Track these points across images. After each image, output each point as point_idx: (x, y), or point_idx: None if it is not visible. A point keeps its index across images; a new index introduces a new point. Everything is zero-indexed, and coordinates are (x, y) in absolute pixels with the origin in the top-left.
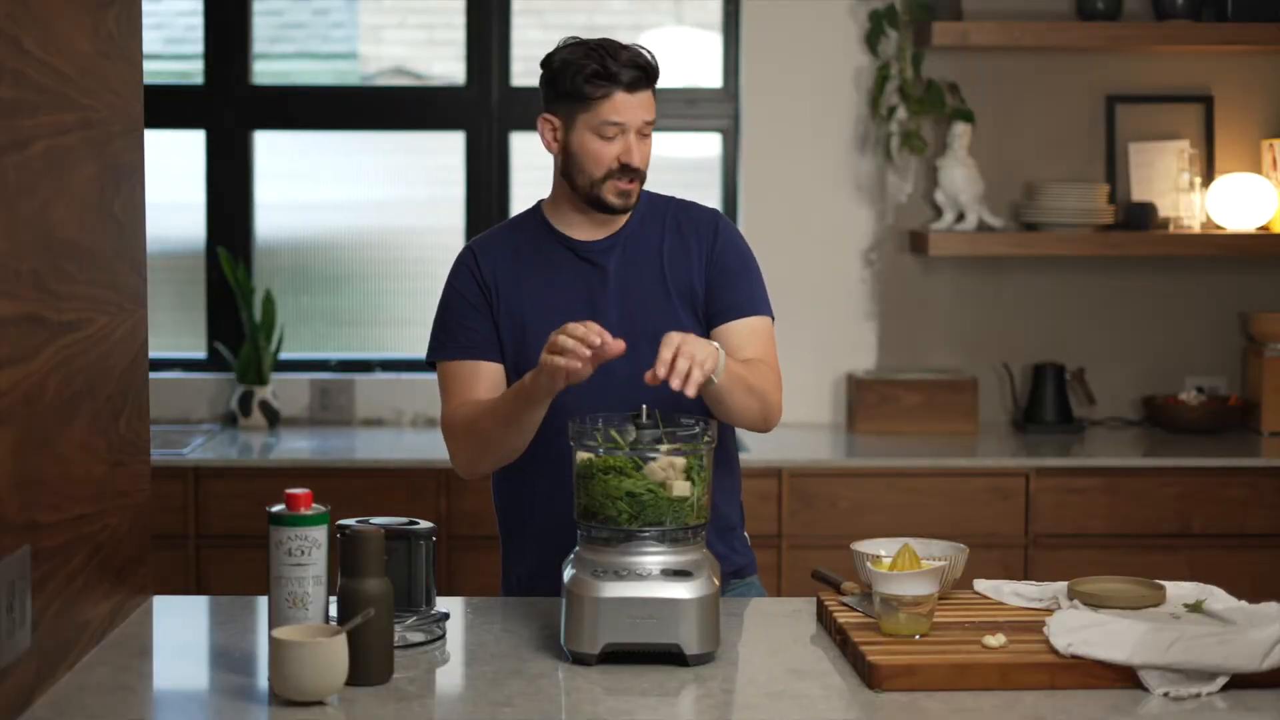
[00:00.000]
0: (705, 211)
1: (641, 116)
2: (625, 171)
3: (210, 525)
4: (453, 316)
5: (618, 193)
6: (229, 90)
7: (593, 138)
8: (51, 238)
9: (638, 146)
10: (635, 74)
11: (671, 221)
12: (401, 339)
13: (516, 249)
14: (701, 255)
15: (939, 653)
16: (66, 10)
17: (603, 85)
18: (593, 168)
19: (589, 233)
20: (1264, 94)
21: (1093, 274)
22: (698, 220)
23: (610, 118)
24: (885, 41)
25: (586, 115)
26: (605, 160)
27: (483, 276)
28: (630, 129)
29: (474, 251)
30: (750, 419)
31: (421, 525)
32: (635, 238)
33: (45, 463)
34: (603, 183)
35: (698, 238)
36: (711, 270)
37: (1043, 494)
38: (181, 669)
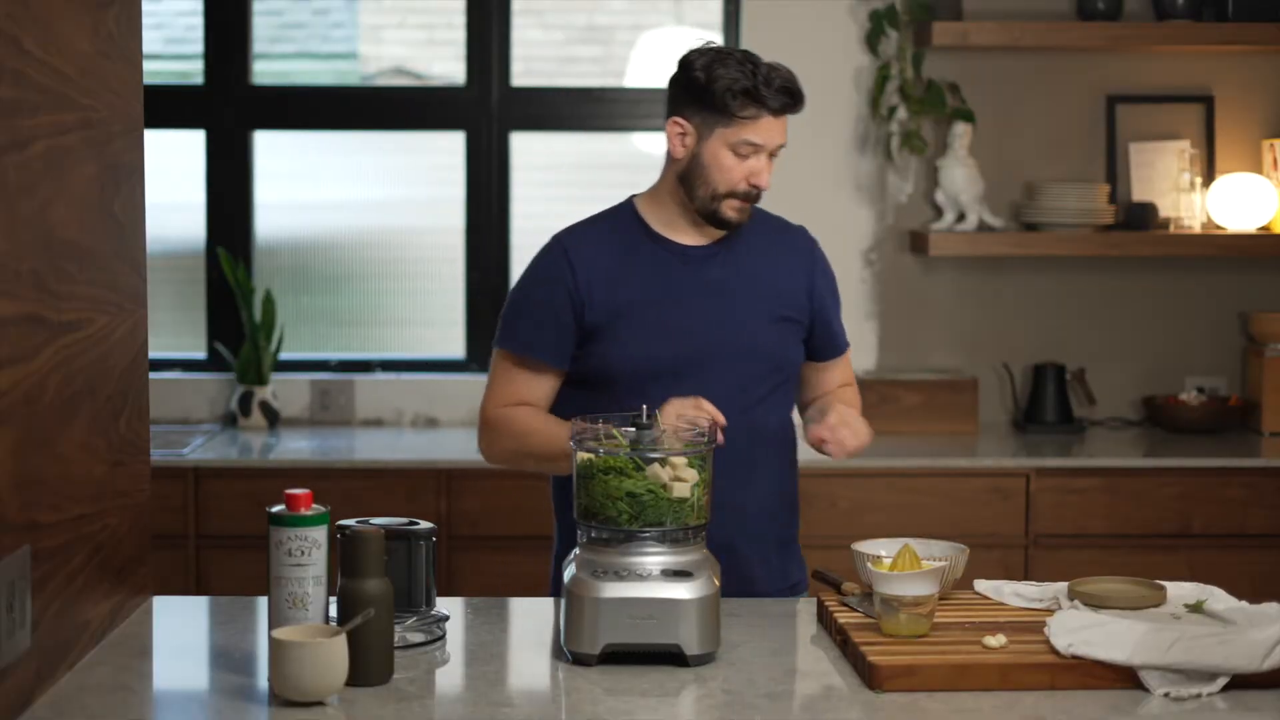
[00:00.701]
0: (797, 228)
1: (778, 141)
2: (749, 193)
3: (210, 525)
4: (529, 311)
5: (736, 209)
6: (229, 90)
7: (727, 153)
8: (51, 238)
9: (769, 170)
10: (785, 100)
11: (769, 235)
12: (401, 339)
13: (609, 245)
14: (802, 275)
15: (939, 653)
16: (66, 10)
17: (752, 106)
18: (719, 182)
19: (690, 238)
20: (1264, 94)
21: (1093, 274)
22: (794, 238)
23: (751, 138)
24: (885, 41)
25: (726, 130)
26: (735, 178)
27: (575, 276)
28: (765, 151)
29: (565, 247)
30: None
31: (421, 525)
32: (735, 248)
33: (45, 463)
34: (725, 198)
35: (796, 256)
36: (814, 297)
37: (1043, 494)
38: (181, 669)
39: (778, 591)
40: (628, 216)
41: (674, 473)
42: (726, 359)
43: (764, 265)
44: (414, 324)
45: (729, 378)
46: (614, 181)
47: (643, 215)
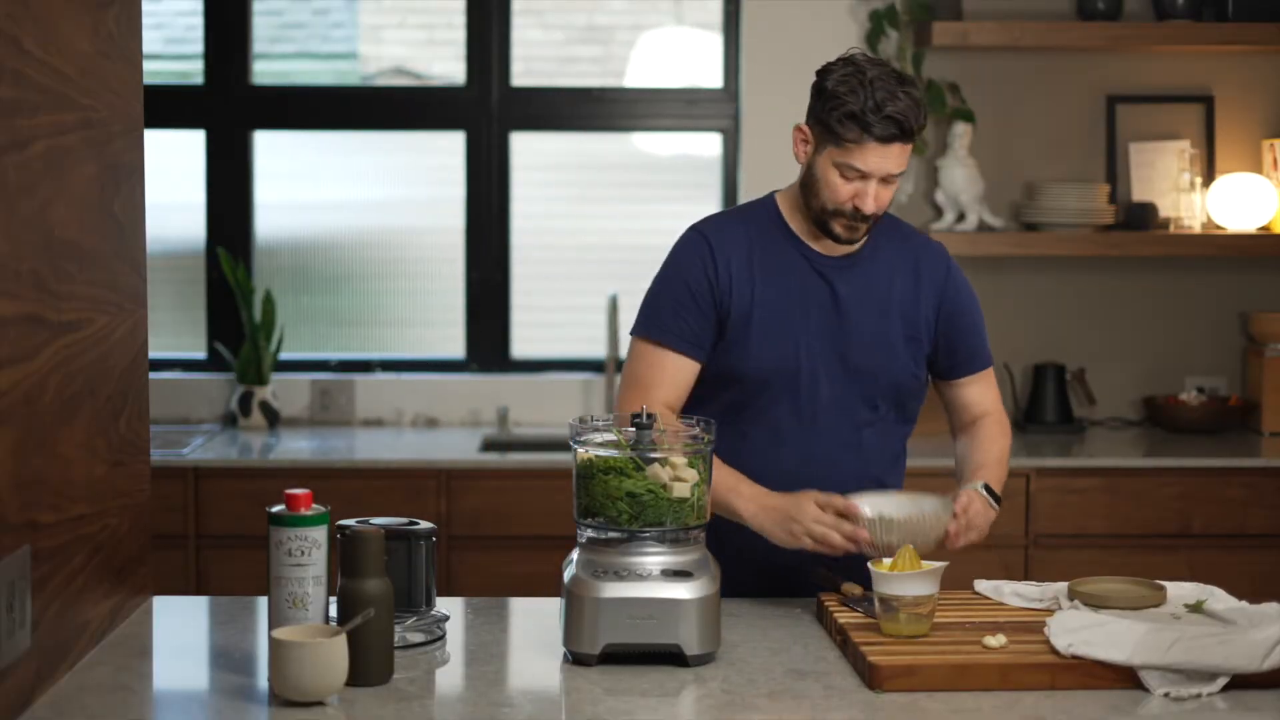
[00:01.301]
0: (934, 244)
1: (888, 169)
2: (857, 214)
3: (210, 525)
4: (670, 299)
5: (845, 227)
6: (229, 90)
7: (834, 172)
8: (51, 238)
9: (876, 193)
10: (892, 131)
11: (905, 250)
12: (401, 339)
13: (750, 243)
14: (933, 295)
15: (939, 653)
16: (66, 10)
17: (855, 130)
18: (826, 199)
19: (825, 246)
20: (1264, 94)
21: (1093, 274)
22: (930, 253)
23: (855, 163)
24: (885, 41)
25: (834, 150)
26: (840, 198)
27: (716, 269)
28: (873, 177)
29: (708, 240)
30: None
31: (421, 525)
32: (870, 263)
33: (45, 463)
34: (832, 215)
35: (931, 275)
36: (943, 315)
37: (1043, 494)
38: (181, 669)
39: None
40: (768, 213)
41: (674, 473)
42: (842, 375)
43: (894, 284)
44: (414, 324)
45: (843, 394)
46: (614, 181)
47: (783, 214)
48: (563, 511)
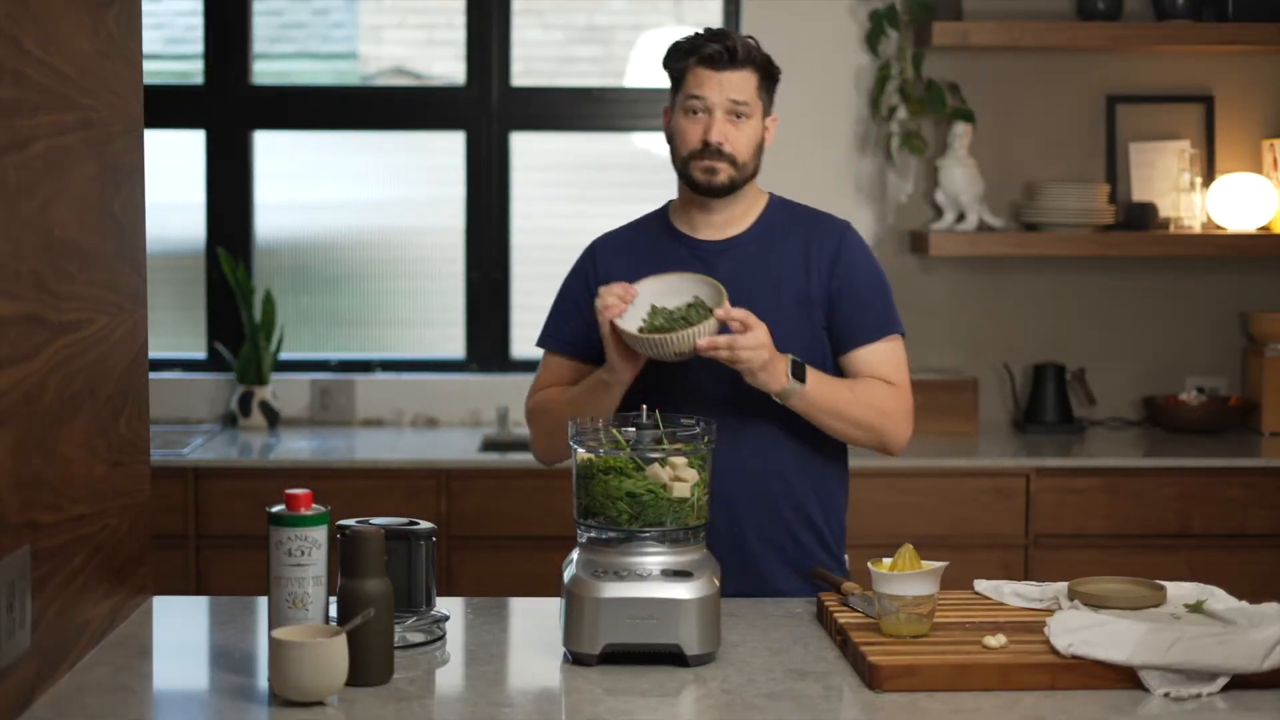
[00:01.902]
0: (832, 222)
1: (726, 93)
2: (707, 151)
3: (210, 525)
4: (560, 307)
5: (702, 170)
6: (229, 90)
7: (681, 116)
8: (51, 238)
9: (720, 124)
10: (716, 49)
11: (795, 230)
12: (401, 339)
13: (634, 244)
14: (822, 269)
15: (939, 653)
16: (66, 10)
17: (683, 59)
18: (680, 145)
19: (709, 233)
20: (1264, 94)
21: (1093, 274)
22: (822, 231)
23: (692, 91)
24: (885, 41)
25: (678, 97)
26: (690, 138)
27: (597, 274)
28: (715, 106)
29: (594, 249)
30: (856, 442)
31: (421, 525)
32: (755, 242)
33: (45, 463)
34: (689, 161)
35: (820, 249)
36: (835, 289)
37: (1043, 494)
38: (181, 669)
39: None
40: (657, 218)
41: (674, 473)
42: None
43: (779, 254)
44: (414, 324)
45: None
46: (613, 181)
47: (671, 217)
48: (563, 511)
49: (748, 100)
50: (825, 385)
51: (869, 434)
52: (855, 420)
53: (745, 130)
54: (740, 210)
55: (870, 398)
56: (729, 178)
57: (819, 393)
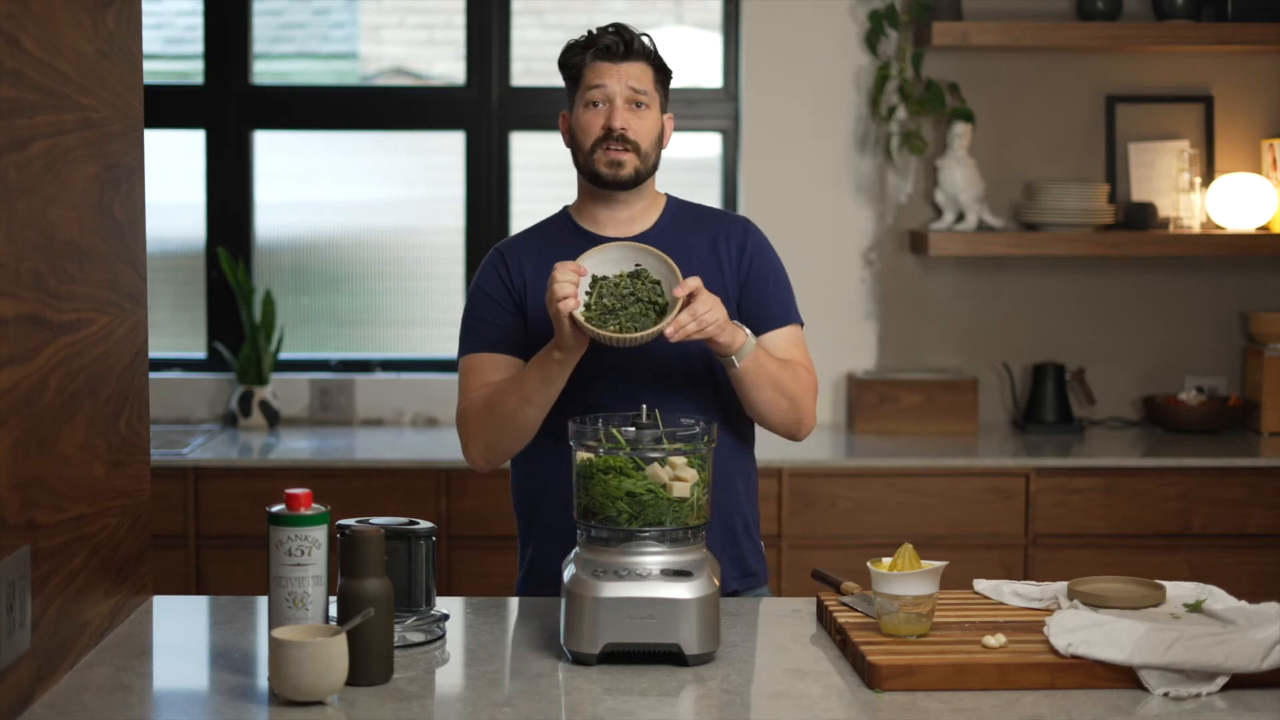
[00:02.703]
0: (734, 217)
1: (626, 83)
2: (609, 138)
3: (210, 525)
4: (477, 314)
5: (606, 162)
6: (229, 90)
7: (583, 110)
8: (51, 238)
9: (624, 114)
10: (613, 40)
11: (699, 225)
12: (401, 339)
13: (543, 249)
14: (731, 260)
15: (939, 653)
16: (66, 10)
17: (579, 55)
18: (583, 139)
19: (616, 230)
20: (1264, 94)
21: (1093, 274)
22: (727, 225)
23: (591, 82)
24: (885, 41)
25: (577, 93)
26: (592, 129)
27: (510, 277)
28: (615, 96)
29: (502, 253)
30: (780, 419)
31: (421, 525)
32: (662, 238)
33: (45, 463)
34: (593, 153)
35: (727, 242)
36: (743, 277)
37: (1043, 494)
38: (181, 669)
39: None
40: (559, 221)
41: (674, 473)
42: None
43: (689, 248)
44: (414, 324)
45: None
46: None
47: (574, 217)
48: None
49: (646, 90)
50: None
51: (792, 408)
52: (787, 391)
53: (646, 120)
54: (643, 206)
55: (794, 372)
56: (634, 169)
57: (766, 355)
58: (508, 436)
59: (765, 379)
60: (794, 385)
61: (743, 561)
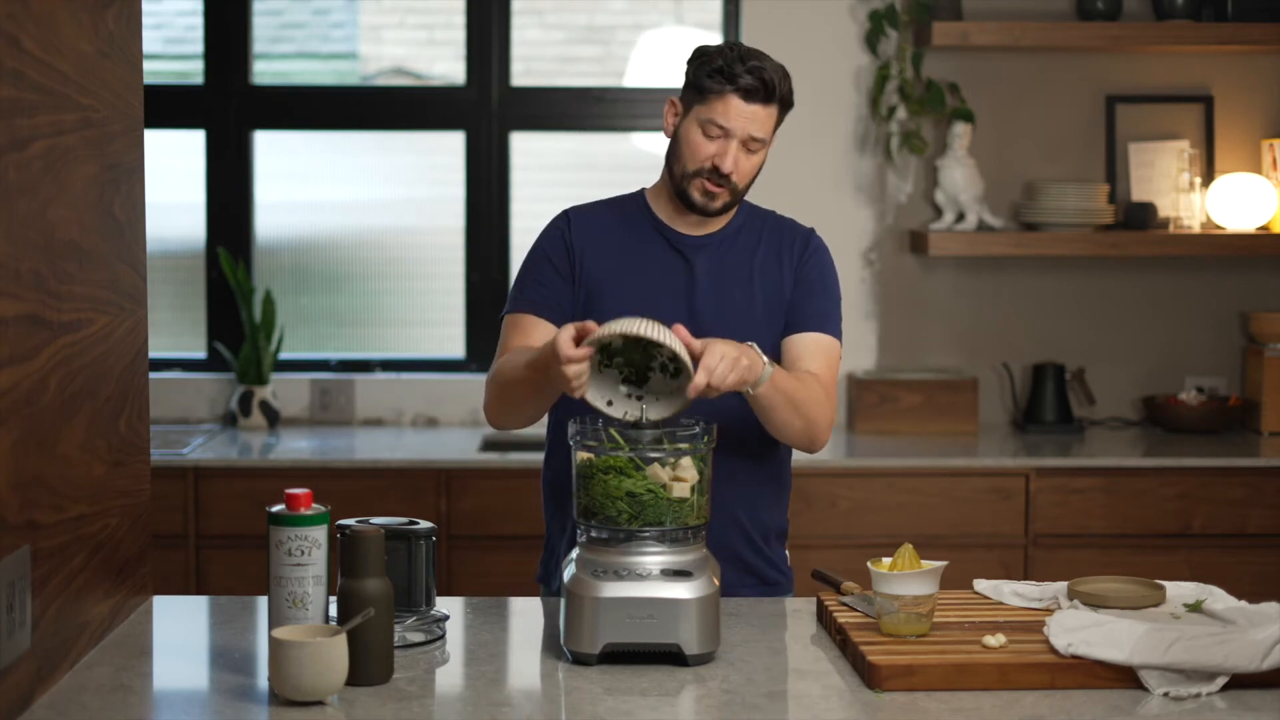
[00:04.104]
0: (801, 227)
1: (749, 129)
2: (715, 174)
3: (210, 525)
4: (529, 273)
5: (703, 191)
6: (229, 90)
7: (697, 131)
8: (51, 238)
9: (735, 154)
10: (753, 84)
11: (768, 233)
12: (401, 339)
13: (611, 223)
14: (791, 268)
15: (939, 653)
16: (66, 10)
17: (719, 83)
18: (688, 159)
19: (688, 227)
20: (1264, 94)
21: (1093, 274)
22: (793, 234)
23: (717, 118)
24: (885, 41)
25: (700, 108)
26: (700, 156)
27: (571, 240)
28: (734, 136)
29: (569, 217)
30: (793, 436)
31: (421, 525)
32: (731, 241)
33: (45, 463)
34: (692, 177)
35: (790, 250)
36: (799, 278)
37: (1043, 494)
38: (181, 669)
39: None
40: (636, 203)
41: (674, 473)
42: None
43: (756, 254)
44: (414, 324)
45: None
46: (613, 181)
47: (649, 202)
48: None
49: (765, 137)
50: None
51: (806, 428)
52: (802, 411)
53: (754, 161)
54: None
55: (811, 390)
56: (724, 204)
57: (783, 376)
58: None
59: (781, 401)
60: (809, 406)
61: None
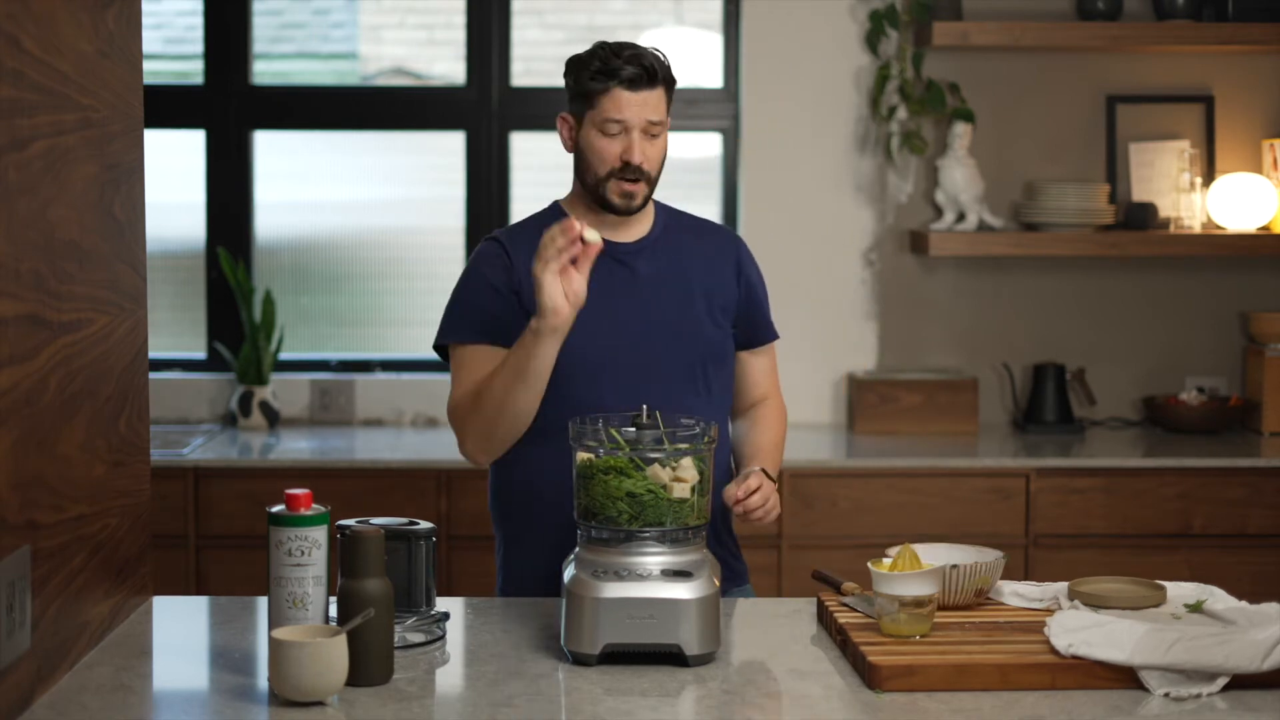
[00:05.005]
0: (725, 232)
1: (644, 115)
2: (628, 170)
3: (210, 525)
4: (473, 300)
5: (620, 193)
6: (229, 90)
7: (597, 135)
8: (51, 238)
9: (641, 145)
10: (635, 71)
11: (693, 234)
12: (401, 339)
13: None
14: (729, 264)
15: (939, 653)
16: (66, 10)
17: (603, 82)
18: (597, 165)
19: (614, 235)
20: (1264, 94)
21: (1093, 274)
22: (720, 240)
23: (611, 114)
24: (885, 41)
25: (592, 113)
26: (608, 157)
27: (512, 264)
28: (633, 127)
29: (503, 243)
30: None
31: (421, 525)
32: (662, 243)
33: (45, 463)
34: (606, 181)
35: (721, 248)
36: (742, 285)
37: (1043, 494)
38: (181, 669)
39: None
40: (556, 216)
41: (674, 473)
42: (667, 346)
43: (691, 258)
44: (414, 324)
45: (671, 365)
46: None
47: (569, 213)
48: None
49: (661, 119)
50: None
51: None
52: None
53: (658, 147)
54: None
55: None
56: (644, 197)
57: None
58: (502, 422)
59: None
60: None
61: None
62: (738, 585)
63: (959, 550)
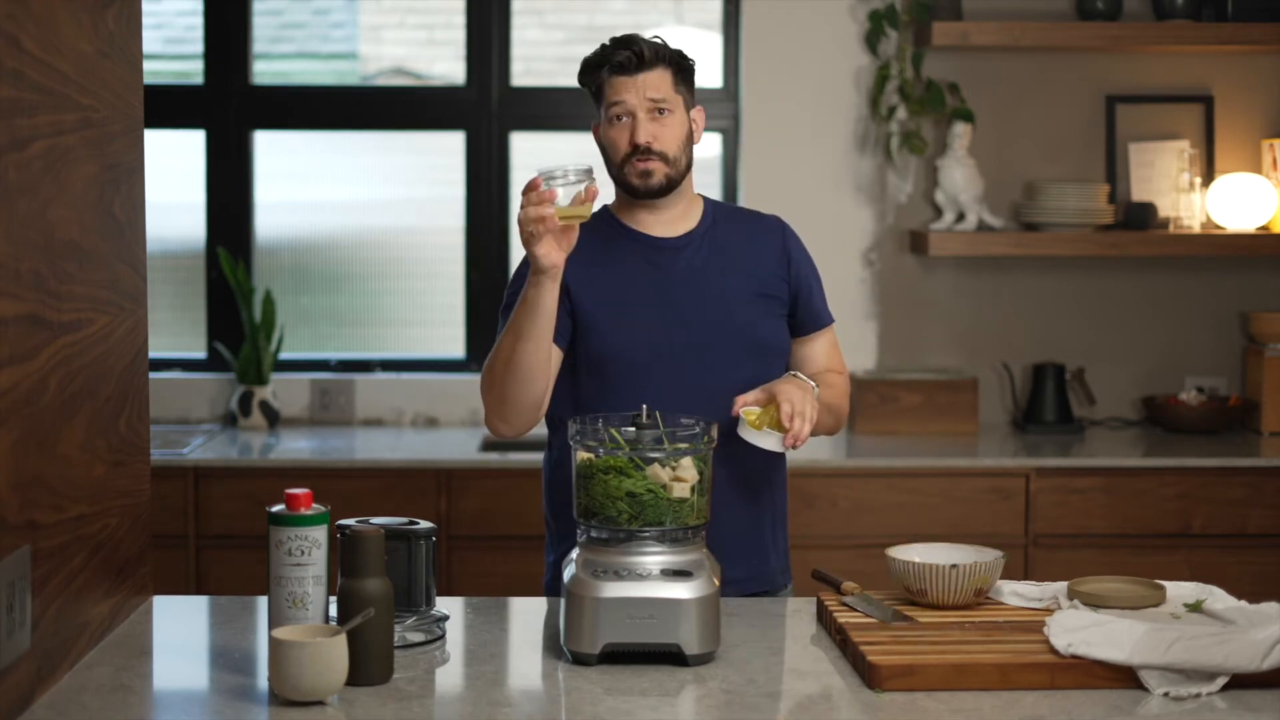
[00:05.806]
0: (769, 218)
1: (644, 93)
2: (638, 151)
3: (210, 525)
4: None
5: (636, 174)
6: (229, 90)
7: (608, 125)
8: (51, 238)
9: (645, 124)
10: (627, 55)
11: (739, 225)
12: (401, 339)
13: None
14: (776, 253)
15: (939, 652)
16: (66, 10)
17: (597, 73)
18: (613, 154)
19: (661, 230)
20: (1264, 94)
21: (1093, 274)
22: (764, 221)
23: (611, 99)
24: (885, 41)
25: (601, 108)
26: (620, 145)
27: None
28: (635, 109)
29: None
30: (824, 431)
31: (421, 525)
32: (709, 236)
33: (45, 463)
34: (622, 166)
35: (768, 236)
36: (792, 274)
37: (1043, 494)
38: (181, 669)
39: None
40: (602, 219)
41: (674, 473)
42: (717, 340)
43: (738, 248)
44: (414, 324)
45: (722, 358)
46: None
47: (617, 214)
48: None
49: (665, 97)
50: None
51: (835, 422)
52: (833, 409)
53: (670, 126)
54: (683, 208)
55: (838, 390)
56: (665, 176)
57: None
58: (511, 380)
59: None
60: (838, 400)
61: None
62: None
63: (958, 550)
